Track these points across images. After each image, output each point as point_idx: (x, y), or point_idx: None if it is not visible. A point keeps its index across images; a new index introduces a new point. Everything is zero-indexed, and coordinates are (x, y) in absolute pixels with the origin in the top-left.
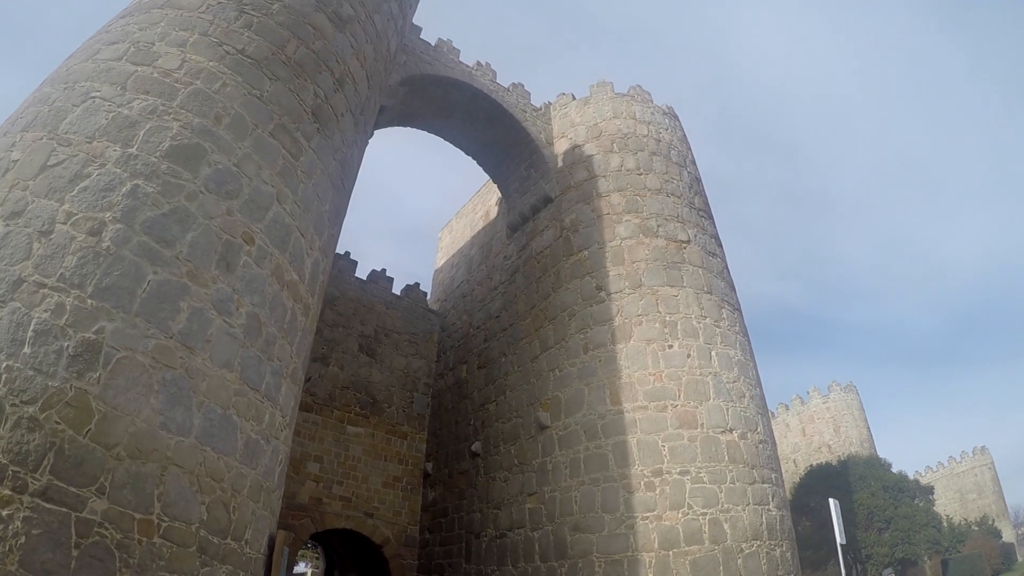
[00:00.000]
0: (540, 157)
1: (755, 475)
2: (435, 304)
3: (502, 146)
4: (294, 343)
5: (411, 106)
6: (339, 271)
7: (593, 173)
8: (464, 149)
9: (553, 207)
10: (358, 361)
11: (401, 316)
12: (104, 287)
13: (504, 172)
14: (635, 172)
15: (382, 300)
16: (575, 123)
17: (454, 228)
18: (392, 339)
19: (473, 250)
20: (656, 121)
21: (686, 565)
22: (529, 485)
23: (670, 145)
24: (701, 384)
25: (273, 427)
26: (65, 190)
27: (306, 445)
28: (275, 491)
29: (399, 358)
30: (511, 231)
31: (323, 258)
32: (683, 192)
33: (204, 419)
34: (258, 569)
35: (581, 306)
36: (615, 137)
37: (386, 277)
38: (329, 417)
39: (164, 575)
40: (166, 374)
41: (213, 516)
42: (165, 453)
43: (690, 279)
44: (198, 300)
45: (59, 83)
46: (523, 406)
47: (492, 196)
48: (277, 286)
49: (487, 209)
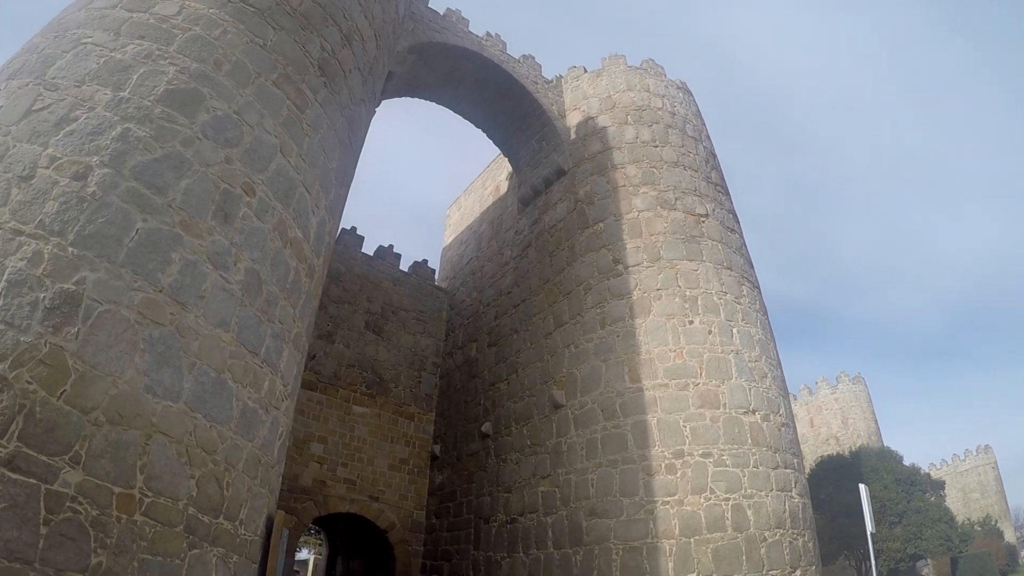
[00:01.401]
0: (552, 129)
1: (778, 459)
2: (443, 282)
3: (512, 118)
4: (297, 305)
5: (419, 76)
6: (345, 246)
7: (608, 145)
8: (473, 121)
9: (566, 180)
10: (364, 339)
11: (408, 293)
12: (87, 235)
13: (515, 145)
14: (651, 144)
15: (389, 277)
16: (588, 95)
17: (463, 205)
18: (399, 317)
19: (483, 226)
20: (671, 95)
21: (708, 553)
22: (542, 467)
23: (685, 119)
24: (723, 362)
25: (273, 396)
26: (49, 134)
27: (310, 425)
28: (274, 467)
29: (406, 336)
30: (523, 205)
31: (329, 218)
32: (700, 166)
33: (195, 383)
34: (254, 552)
35: (597, 280)
36: (629, 109)
37: (393, 253)
38: (334, 396)
39: (146, 557)
40: (153, 331)
41: (204, 492)
42: (150, 419)
43: (710, 253)
44: (192, 252)
45: (50, 33)
46: (536, 384)
47: (502, 171)
48: (279, 242)
49: (497, 184)
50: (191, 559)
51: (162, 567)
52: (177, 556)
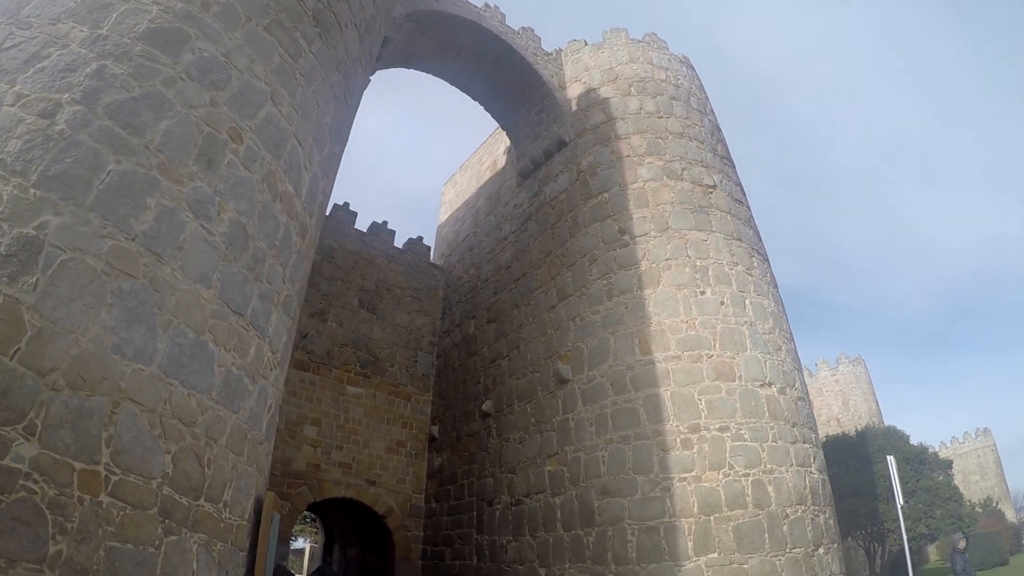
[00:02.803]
0: (553, 101)
1: (796, 433)
2: (439, 260)
3: (511, 90)
4: (287, 265)
5: (416, 45)
6: (337, 222)
7: (611, 116)
8: (471, 94)
9: (568, 151)
10: (358, 317)
11: (404, 270)
12: (52, 175)
13: (513, 118)
14: (655, 115)
15: (383, 253)
16: (589, 67)
17: (458, 182)
18: (394, 294)
19: (480, 201)
20: (674, 68)
21: (729, 532)
22: (549, 445)
23: (689, 92)
24: (737, 333)
25: (261, 363)
26: (18, 72)
27: (302, 407)
28: (263, 443)
29: (402, 314)
30: (522, 178)
31: (323, 176)
32: (705, 138)
33: (171, 344)
34: (241, 539)
35: (603, 250)
36: (632, 81)
37: (387, 230)
38: (327, 377)
39: (114, 545)
40: (124, 284)
41: (181, 470)
42: (118, 384)
43: (719, 224)
44: (170, 198)
45: None
46: (540, 360)
47: (500, 145)
48: (268, 195)
49: (494, 159)
50: (168, 547)
51: (133, 556)
52: (151, 543)
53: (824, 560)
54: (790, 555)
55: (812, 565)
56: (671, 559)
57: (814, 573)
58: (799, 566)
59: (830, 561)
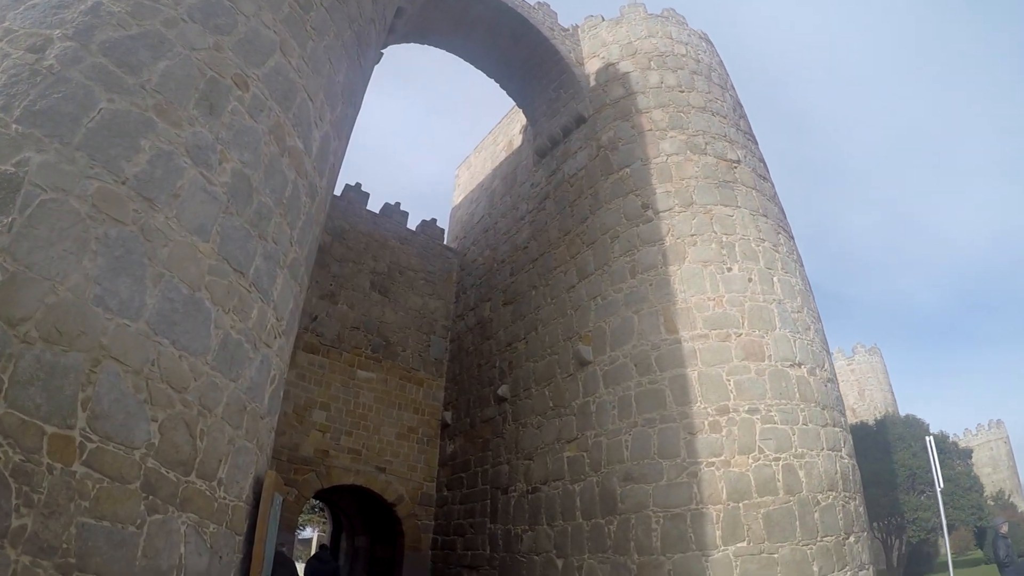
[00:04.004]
0: (571, 76)
1: (826, 416)
2: (453, 243)
3: (528, 66)
4: (295, 227)
5: (429, 19)
6: (349, 203)
7: (631, 90)
8: (485, 70)
9: (587, 127)
10: (369, 300)
11: (417, 253)
12: (37, 111)
13: (530, 95)
14: (676, 89)
15: (396, 235)
16: (607, 43)
17: (472, 164)
18: (407, 277)
19: (495, 182)
20: (693, 43)
21: (759, 519)
22: (568, 430)
23: (710, 67)
24: (765, 311)
25: (263, 329)
26: (8, 8)
27: (311, 391)
28: (265, 418)
29: (414, 297)
30: (539, 157)
31: (335, 137)
32: (728, 113)
33: (162, 299)
34: (237, 521)
35: (625, 227)
36: (652, 55)
37: (400, 211)
38: (337, 360)
39: (87, 522)
40: (110, 229)
41: (169, 440)
42: (98, 339)
43: (744, 200)
44: (167, 141)
45: None
46: (559, 341)
47: (515, 125)
48: (276, 148)
49: (510, 139)
50: (151, 527)
51: (110, 535)
52: (131, 522)
53: (855, 549)
54: (821, 544)
55: (843, 554)
56: (698, 548)
57: (844, 563)
58: (830, 555)
59: (860, 551)
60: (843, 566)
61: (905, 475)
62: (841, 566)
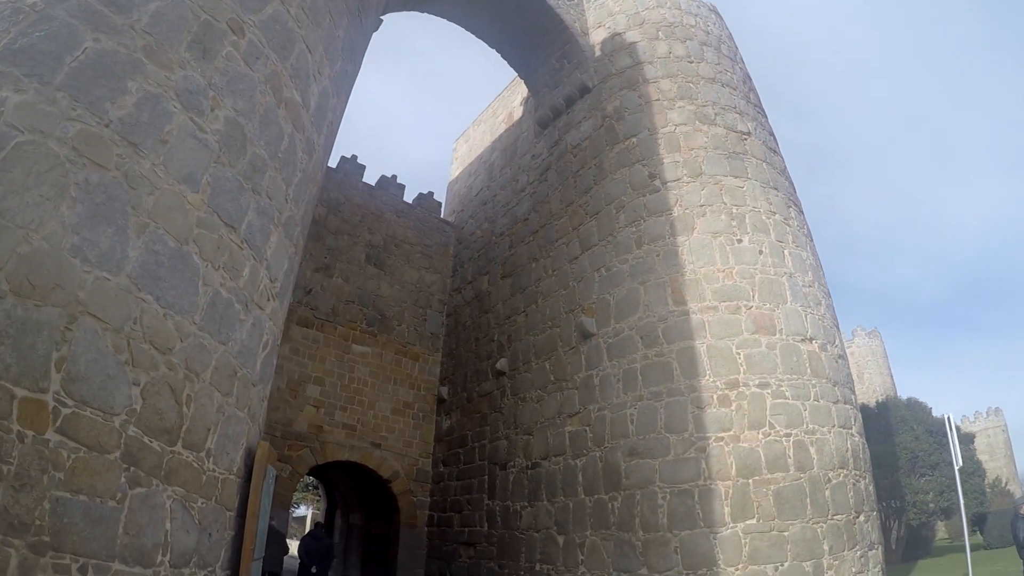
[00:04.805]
0: (575, 46)
1: (837, 393)
2: (450, 217)
3: (530, 35)
4: (291, 183)
5: None
6: (344, 175)
7: (638, 60)
8: (486, 39)
9: (591, 97)
10: (365, 273)
11: (413, 226)
12: (17, 49)
13: (532, 65)
14: (685, 59)
15: (392, 208)
16: (613, 12)
17: (471, 137)
18: (403, 250)
19: (494, 155)
20: (703, 15)
21: (769, 496)
22: (570, 404)
23: (719, 39)
24: (776, 285)
25: (256, 289)
26: None
27: (305, 365)
28: (257, 385)
29: (410, 271)
30: (540, 128)
31: (334, 94)
32: (738, 85)
33: (146, 251)
34: (228, 495)
35: (631, 196)
36: (660, 25)
37: (396, 184)
38: (332, 334)
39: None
40: (91, 174)
41: (152, 407)
42: (75, 294)
43: (755, 172)
44: (155, 84)
45: None
46: (560, 314)
47: (516, 97)
48: (272, 99)
49: (510, 111)
50: (133, 501)
51: (87, 510)
52: (111, 495)
53: (864, 528)
54: (831, 522)
55: (853, 533)
56: (706, 525)
57: (855, 542)
58: (841, 534)
59: (870, 530)
60: (853, 545)
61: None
62: (852, 545)
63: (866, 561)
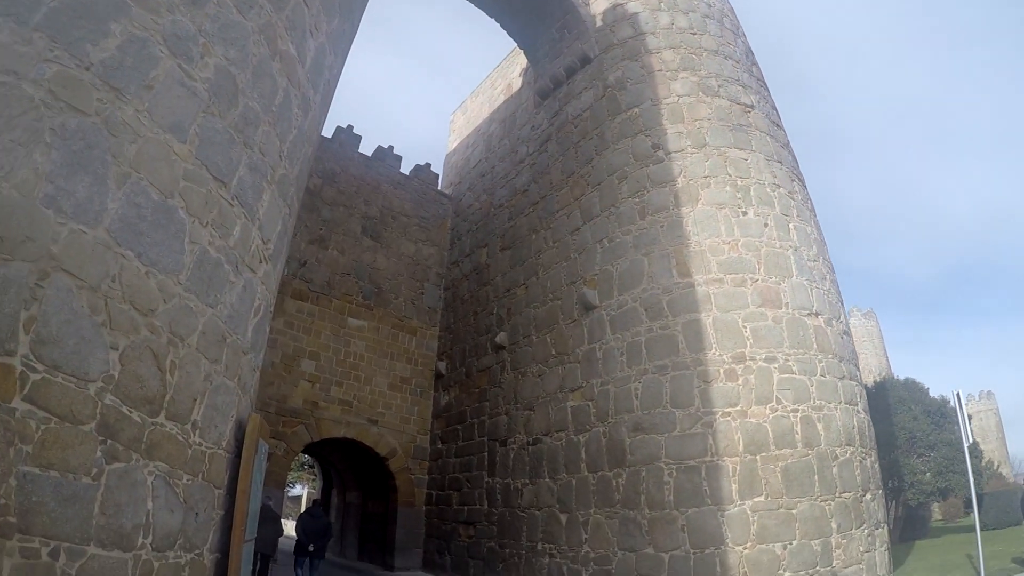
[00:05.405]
0: (575, 16)
1: (843, 369)
2: (448, 189)
3: (531, 6)
4: (286, 140)
5: None
6: (340, 145)
7: (640, 30)
8: (486, 10)
9: (592, 67)
10: (361, 245)
11: (410, 198)
12: None
13: (532, 35)
14: (688, 31)
15: (388, 179)
16: None
17: (469, 108)
18: (400, 222)
19: (492, 126)
20: None
21: (777, 473)
22: (572, 379)
23: (722, 12)
24: (782, 258)
25: (247, 250)
26: None
27: (299, 339)
28: (248, 353)
29: (407, 244)
30: (540, 98)
31: (331, 52)
32: (741, 58)
33: (127, 203)
34: (216, 472)
35: (634, 167)
36: None
37: (393, 155)
38: (327, 308)
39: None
40: (69, 119)
41: (131, 373)
42: (48, 247)
43: (759, 144)
44: (141, 27)
45: None
46: (561, 286)
47: (515, 68)
48: (266, 50)
49: (508, 82)
50: (110, 477)
51: (59, 488)
52: (85, 471)
53: (871, 507)
54: (839, 500)
55: (860, 512)
56: (713, 502)
57: (862, 520)
58: (848, 512)
59: (876, 508)
60: (860, 523)
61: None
62: (859, 523)
63: (873, 540)
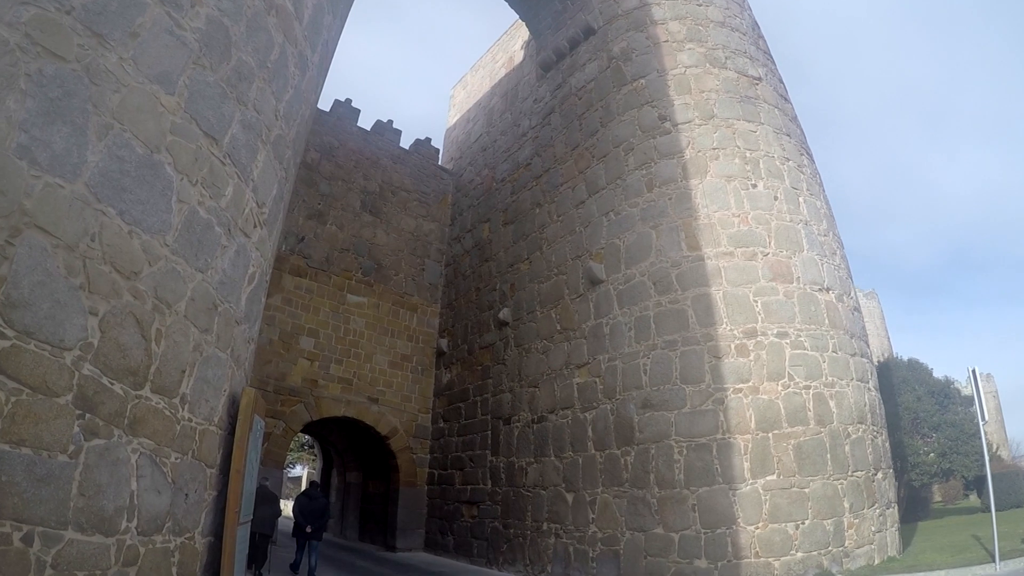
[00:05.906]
0: None
1: (855, 346)
2: (448, 164)
3: None
4: (282, 99)
5: None
6: (338, 118)
7: (645, 1)
8: None
9: (596, 39)
10: (360, 220)
11: (410, 173)
12: None
13: (534, 7)
14: (694, 2)
15: (388, 154)
16: None
17: (469, 83)
18: (400, 197)
19: (494, 100)
20: None
21: (789, 451)
22: (578, 355)
23: None
24: (792, 232)
25: (240, 213)
26: None
27: (298, 316)
28: (242, 324)
29: (407, 219)
30: (543, 71)
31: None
32: (747, 30)
33: (108, 156)
34: (208, 450)
35: (641, 139)
36: None
37: (393, 129)
38: (326, 284)
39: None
40: (47, 65)
41: (112, 340)
42: (20, 202)
43: (767, 117)
44: None
45: None
46: (566, 260)
47: (516, 41)
48: (261, 2)
49: (510, 56)
50: (89, 455)
51: (31, 467)
52: (61, 449)
53: (883, 486)
54: (852, 479)
55: (872, 491)
56: (724, 481)
57: (874, 499)
58: (861, 491)
59: (887, 488)
60: (872, 503)
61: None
62: (871, 503)
63: (884, 520)
